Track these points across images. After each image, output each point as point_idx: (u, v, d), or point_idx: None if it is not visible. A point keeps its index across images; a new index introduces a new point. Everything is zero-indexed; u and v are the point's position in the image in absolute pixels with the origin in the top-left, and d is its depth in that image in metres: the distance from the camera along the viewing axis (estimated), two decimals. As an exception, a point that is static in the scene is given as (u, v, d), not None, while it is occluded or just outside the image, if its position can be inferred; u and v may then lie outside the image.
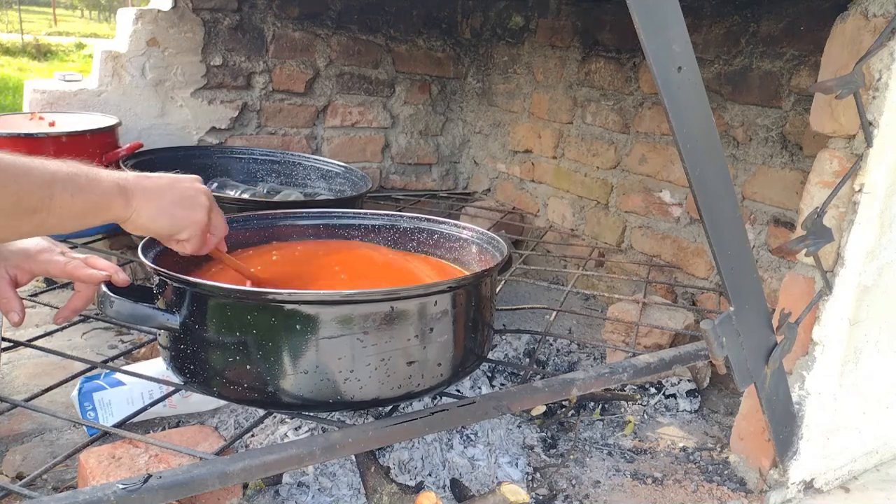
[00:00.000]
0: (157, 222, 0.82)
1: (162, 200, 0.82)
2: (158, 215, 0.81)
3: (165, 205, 0.82)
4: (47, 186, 0.71)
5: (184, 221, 0.84)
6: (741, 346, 0.91)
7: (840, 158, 0.99)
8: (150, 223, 0.81)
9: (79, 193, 0.74)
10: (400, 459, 1.10)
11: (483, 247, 1.10)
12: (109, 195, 0.77)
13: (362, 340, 0.81)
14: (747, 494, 1.14)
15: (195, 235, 0.86)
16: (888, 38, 0.89)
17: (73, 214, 0.74)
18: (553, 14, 2.17)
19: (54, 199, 0.71)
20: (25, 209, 0.69)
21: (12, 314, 0.89)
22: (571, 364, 1.56)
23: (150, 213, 0.81)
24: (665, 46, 0.71)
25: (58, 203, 0.71)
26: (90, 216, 0.76)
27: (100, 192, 0.76)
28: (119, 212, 0.78)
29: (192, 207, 0.85)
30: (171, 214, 0.83)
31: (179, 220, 0.84)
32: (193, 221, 0.85)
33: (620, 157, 1.97)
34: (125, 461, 0.95)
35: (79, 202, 0.74)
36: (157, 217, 0.81)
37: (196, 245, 0.87)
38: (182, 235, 0.85)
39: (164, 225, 0.83)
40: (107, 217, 0.78)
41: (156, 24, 1.96)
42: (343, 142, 2.38)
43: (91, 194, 0.75)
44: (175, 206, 0.83)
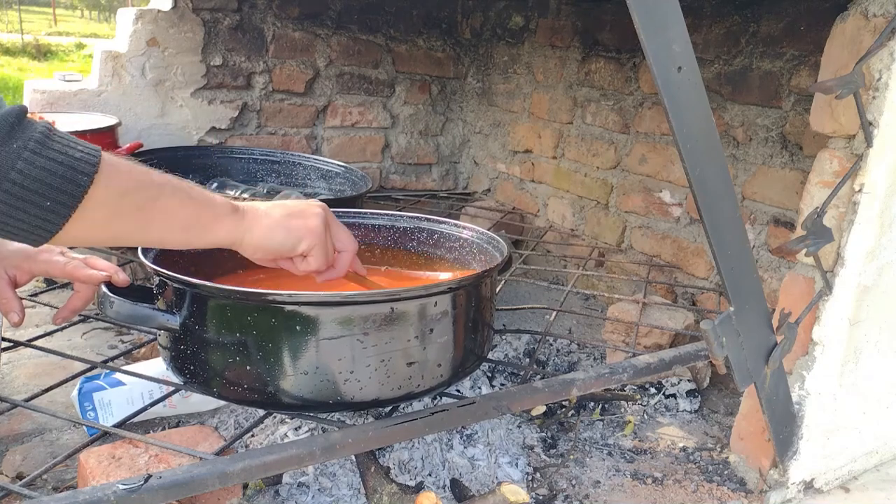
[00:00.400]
0: (272, 237, 0.78)
1: (273, 216, 0.79)
2: (272, 230, 0.78)
3: (278, 219, 0.79)
4: (156, 187, 0.69)
5: (299, 231, 0.80)
6: (741, 346, 0.91)
7: (840, 158, 0.99)
8: (264, 240, 0.78)
9: (189, 202, 0.72)
10: (400, 459, 1.10)
11: (483, 247, 1.10)
12: (221, 210, 0.75)
13: (362, 341, 0.81)
14: (747, 494, 1.14)
15: (315, 245, 0.81)
16: (888, 38, 0.89)
17: (179, 224, 0.71)
18: (553, 14, 2.17)
19: (159, 202, 0.69)
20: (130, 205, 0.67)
21: (12, 314, 0.89)
22: (571, 364, 1.56)
23: (263, 229, 0.78)
24: (665, 46, 0.71)
25: (163, 206, 0.69)
26: (197, 230, 0.73)
27: (211, 206, 0.74)
28: (231, 229, 0.76)
29: (306, 217, 0.81)
30: (286, 226, 0.79)
31: (294, 231, 0.79)
32: (310, 229, 0.80)
33: (620, 157, 1.97)
34: (125, 461, 0.95)
35: (188, 211, 0.72)
36: (272, 232, 0.78)
37: (321, 258, 0.82)
38: (301, 247, 0.80)
39: (280, 238, 0.79)
40: (216, 235, 0.75)
41: (156, 24, 1.96)
42: (343, 142, 2.38)
43: (202, 207, 0.73)
44: (288, 217, 0.80)
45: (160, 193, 0.69)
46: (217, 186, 1.74)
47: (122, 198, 0.66)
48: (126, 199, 0.66)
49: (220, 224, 0.75)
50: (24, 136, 0.59)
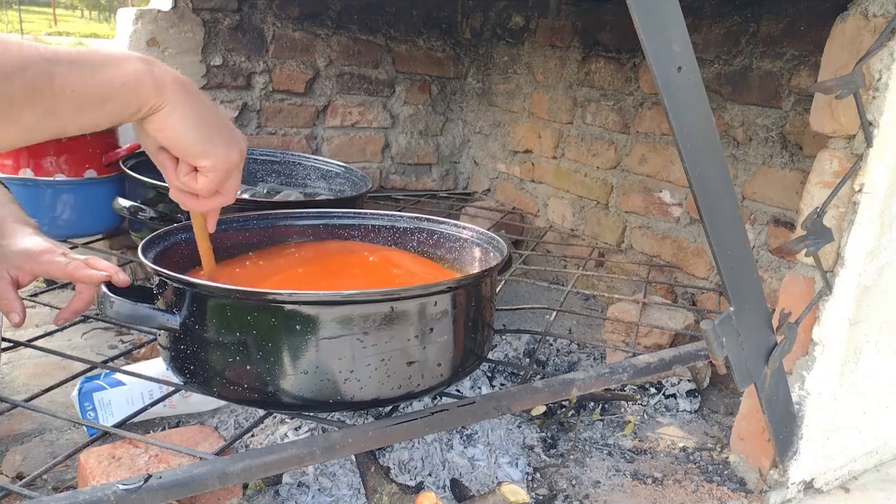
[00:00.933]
0: (188, 131, 0.67)
1: (200, 110, 0.68)
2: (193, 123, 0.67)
3: (204, 116, 0.68)
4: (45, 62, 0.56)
5: (218, 147, 0.70)
6: (741, 346, 0.91)
7: (840, 158, 0.99)
8: (179, 126, 0.66)
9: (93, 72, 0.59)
10: (400, 459, 1.10)
11: (483, 247, 1.10)
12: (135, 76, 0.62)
13: (362, 341, 0.81)
14: (747, 494, 1.14)
15: (218, 171, 0.72)
16: (888, 38, 0.89)
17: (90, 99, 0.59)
18: (553, 14, 2.17)
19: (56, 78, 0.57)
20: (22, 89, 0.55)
21: (13, 315, 0.89)
22: (571, 364, 1.56)
23: (184, 115, 0.66)
24: (665, 46, 0.71)
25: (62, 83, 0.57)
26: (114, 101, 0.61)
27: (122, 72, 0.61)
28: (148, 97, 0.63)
29: (232, 141, 0.72)
30: (207, 130, 0.68)
31: (214, 144, 0.69)
32: (227, 155, 0.71)
33: (620, 157, 1.97)
34: (125, 461, 0.95)
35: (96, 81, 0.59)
36: (191, 125, 0.67)
37: (212, 183, 0.73)
38: (206, 161, 0.70)
39: (195, 138, 0.68)
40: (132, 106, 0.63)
41: (156, 24, 1.96)
42: (343, 142, 2.38)
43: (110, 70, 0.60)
44: (215, 125, 0.70)
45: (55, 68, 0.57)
46: (217, 186, 1.73)
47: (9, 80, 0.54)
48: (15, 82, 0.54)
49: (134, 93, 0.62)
50: None
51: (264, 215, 1.16)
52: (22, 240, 0.91)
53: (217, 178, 0.73)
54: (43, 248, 0.90)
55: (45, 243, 0.91)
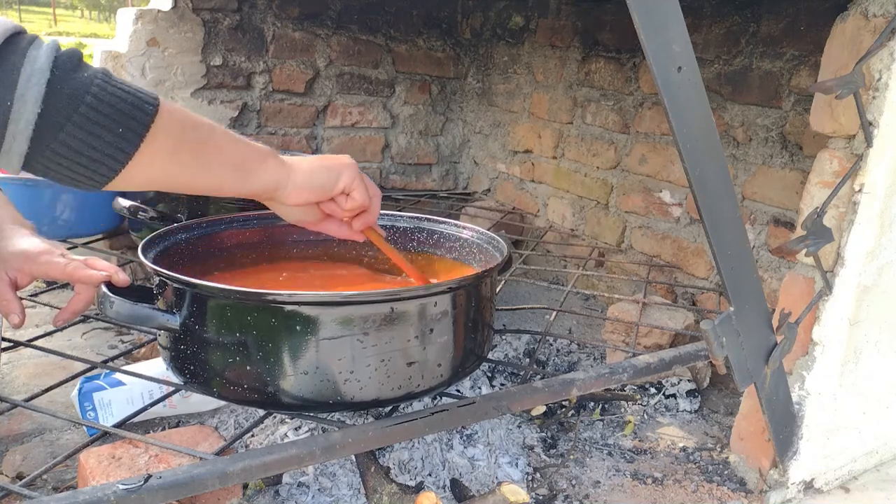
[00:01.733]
0: (314, 177, 0.83)
1: (311, 161, 0.84)
2: (313, 172, 0.83)
3: (316, 162, 0.84)
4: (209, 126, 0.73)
5: (338, 168, 0.84)
6: (741, 346, 0.91)
7: (840, 158, 0.99)
8: (308, 180, 0.82)
9: (237, 142, 0.76)
10: (400, 459, 1.10)
11: (483, 247, 1.10)
12: (266, 152, 0.79)
13: (362, 341, 0.81)
14: (747, 494, 1.14)
15: (355, 178, 0.86)
16: (888, 38, 0.89)
17: (231, 163, 0.75)
18: (553, 14, 2.17)
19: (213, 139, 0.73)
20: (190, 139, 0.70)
21: (12, 316, 0.89)
22: (571, 364, 1.56)
23: (305, 172, 0.82)
24: (665, 46, 0.71)
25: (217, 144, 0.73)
26: (247, 170, 0.77)
27: (256, 147, 0.78)
28: (276, 170, 0.80)
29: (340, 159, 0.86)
30: (325, 166, 0.84)
31: (334, 169, 0.84)
32: (346, 165, 0.85)
33: (620, 157, 1.97)
34: (125, 461, 0.95)
35: (238, 151, 0.76)
36: (313, 173, 0.83)
37: (363, 191, 0.87)
38: (343, 181, 0.85)
39: (322, 176, 0.83)
40: (265, 175, 0.79)
41: (156, 24, 1.96)
42: (343, 142, 2.38)
43: (249, 147, 0.77)
44: (324, 160, 0.85)
45: (213, 132, 0.74)
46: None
47: (182, 131, 0.69)
48: (186, 134, 0.70)
49: (266, 164, 0.79)
50: (91, 69, 0.63)
51: (264, 215, 1.16)
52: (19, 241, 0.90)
53: (361, 185, 0.86)
54: (41, 250, 0.90)
55: (43, 244, 0.91)
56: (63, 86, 0.61)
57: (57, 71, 0.60)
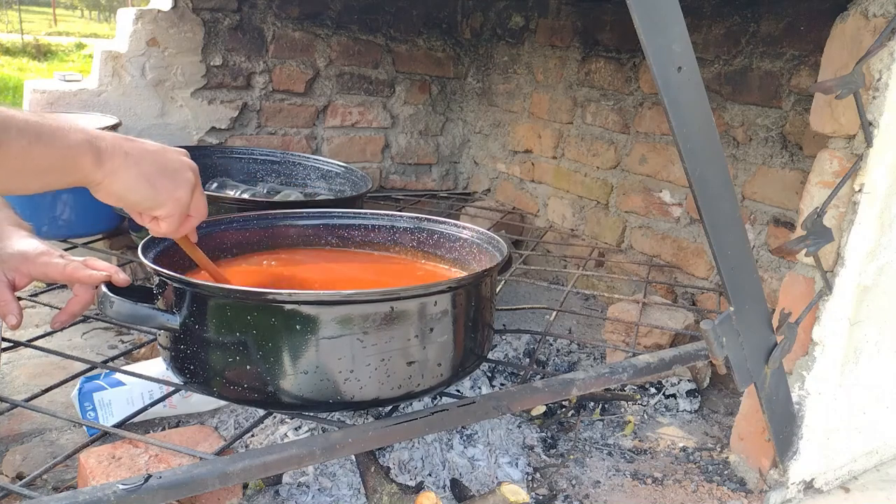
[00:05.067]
0: (134, 192, 0.71)
1: (142, 167, 0.71)
2: (137, 184, 0.71)
3: (146, 172, 0.72)
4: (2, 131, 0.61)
5: (165, 195, 0.74)
6: (741, 346, 0.91)
7: (840, 158, 0.99)
8: (126, 192, 0.71)
9: (37, 143, 0.63)
10: (400, 459, 1.10)
11: (483, 247, 1.10)
12: (77, 150, 0.67)
13: (362, 340, 0.81)
14: (747, 494, 1.14)
15: (174, 214, 0.76)
16: (888, 38, 0.89)
17: (30, 168, 0.64)
18: (553, 14, 2.17)
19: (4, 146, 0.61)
20: None
21: (10, 317, 0.89)
22: (571, 364, 1.56)
23: (128, 180, 0.70)
24: (665, 46, 0.71)
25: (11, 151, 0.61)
26: (52, 173, 0.66)
27: (64, 145, 0.66)
28: (88, 172, 0.68)
29: (177, 182, 0.75)
30: (153, 185, 0.72)
31: (161, 194, 0.73)
32: (175, 198, 0.75)
33: (620, 157, 1.97)
34: (125, 461, 0.95)
35: (37, 153, 0.63)
36: (136, 186, 0.71)
37: (173, 225, 0.78)
38: (160, 212, 0.75)
39: (143, 196, 0.72)
40: (74, 177, 0.68)
41: (156, 24, 1.96)
42: (343, 142, 2.38)
43: (53, 147, 0.65)
44: (158, 176, 0.73)
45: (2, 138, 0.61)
46: (217, 186, 1.74)
47: None
48: None
49: (78, 166, 0.67)
50: None
51: (264, 215, 1.16)
52: (17, 242, 0.90)
53: (174, 220, 0.77)
54: (40, 251, 0.90)
55: (41, 245, 0.91)
56: None
57: None
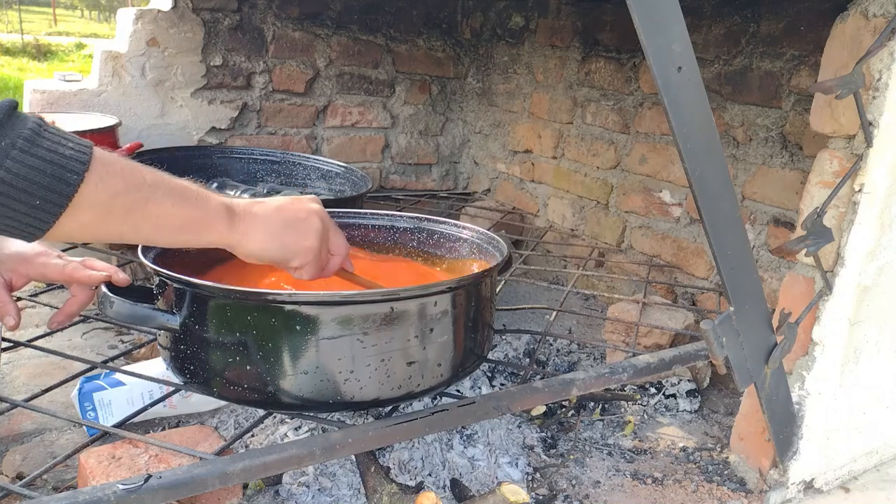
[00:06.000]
0: (266, 250, 0.77)
1: (271, 225, 0.77)
2: (267, 243, 0.77)
3: (274, 230, 0.77)
4: (148, 188, 0.67)
5: (294, 248, 0.79)
6: (741, 346, 0.91)
7: (840, 158, 0.99)
8: (259, 251, 0.77)
9: (181, 205, 0.70)
10: (400, 459, 1.10)
11: (483, 247, 1.10)
12: (214, 214, 0.73)
13: (362, 341, 0.81)
14: (747, 494, 1.14)
15: (308, 262, 0.81)
16: (888, 38, 0.89)
17: (171, 226, 0.70)
18: (553, 14, 2.17)
19: (151, 203, 0.67)
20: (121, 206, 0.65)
21: (8, 318, 0.88)
22: (571, 364, 1.56)
23: (259, 240, 0.76)
24: (665, 46, 0.71)
25: (154, 208, 0.68)
26: (190, 232, 0.72)
27: (204, 208, 0.72)
28: (225, 234, 0.74)
29: (303, 232, 0.80)
30: (281, 242, 0.78)
31: (290, 247, 0.79)
32: (304, 248, 0.79)
33: (620, 157, 1.97)
34: (125, 461, 0.95)
35: (179, 213, 0.70)
36: (267, 245, 0.77)
37: (313, 271, 0.82)
38: (294, 263, 0.80)
39: (275, 253, 0.78)
40: (209, 238, 0.74)
41: (156, 24, 1.96)
42: (343, 142, 2.38)
43: (194, 209, 0.71)
44: (284, 231, 0.78)
45: (152, 195, 0.67)
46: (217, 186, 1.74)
47: (113, 199, 0.64)
48: (117, 200, 0.65)
49: (213, 228, 0.73)
50: (13, 134, 0.59)
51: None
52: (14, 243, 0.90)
53: (312, 267, 0.82)
54: (38, 251, 0.90)
55: (39, 246, 0.91)
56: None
57: None
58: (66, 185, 0.61)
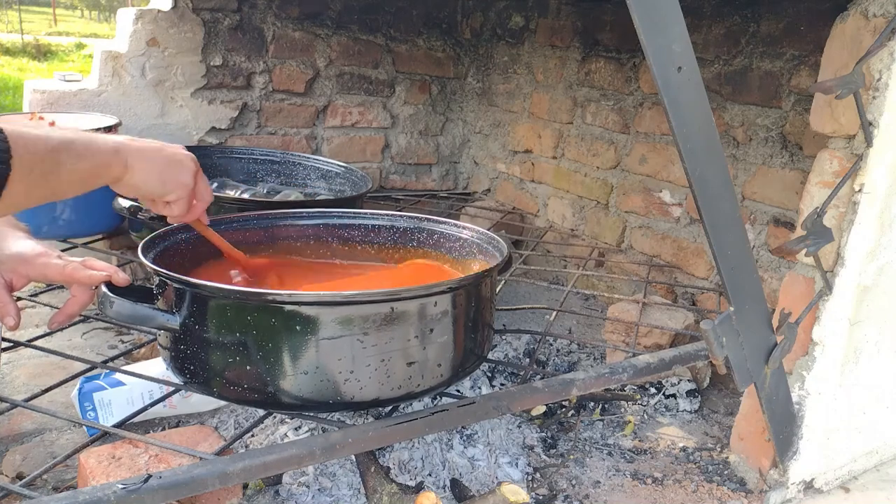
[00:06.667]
0: (148, 183, 0.85)
1: (153, 163, 0.85)
2: (150, 176, 0.84)
3: (156, 166, 0.85)
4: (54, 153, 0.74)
5: (172, 183, 0.87)
6: (741, 346, 0.91)
7: (840, 158, 0.99)
8: (142, 184, 0.84)
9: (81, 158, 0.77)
10: (400, 459, 1.11)
11: (483, 247, 1.10)
12: (108, 157, 0.80)
13: (362, 341, 0.81)
14: (747, 494, 1.15)
15: (182, 198, 0.89)
16: (888, 38, 0.89)
17: (79, 179, 0.77)
18: (553, 14, 2.17)
19: (61, 166, 0.74)
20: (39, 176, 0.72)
21: (8, 318, 0.88)
22: (571, 364, 1.56)
23: (143, 173, 0.84)
24: (665, 46, 0.71)
25: (64, 169, 0.74)
26: (93, 180, 0.80)
27: (100, 155, 0.80)
28: (117, 172, 0.82)
29: (180, 170, 0.88)
30: (161, 175, 0.86)
31: (168, 182, 0.86)
32: (181, 183, 0.88)
33: (620, 157, 1.97)
34: (125, 461, 0.95)
35: (84, 167, 0.77)
36: (149, 178, 0.84)
37: (182, 208, 0.90)
38: (170, 197, 0.88)
39: (155, 186, 0.85)
40: (107, 178, 0.81)
41: (156, 24, 1.96)
42: (343, 142, 2.38)
43: (92, 157, 0.79)
44: (165, 167, 0.86)
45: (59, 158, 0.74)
46: (217, 186, 1.74)
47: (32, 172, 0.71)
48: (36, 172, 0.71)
49: (108, 169, 0.81)
50: None
51: (264, 215, 1.16)
52: (14, 243, 0.90)
53: (183, 203, 0.90)
54: (38, 252, 0.90)
55: (38, 246, 0.91)
56: None
57: None
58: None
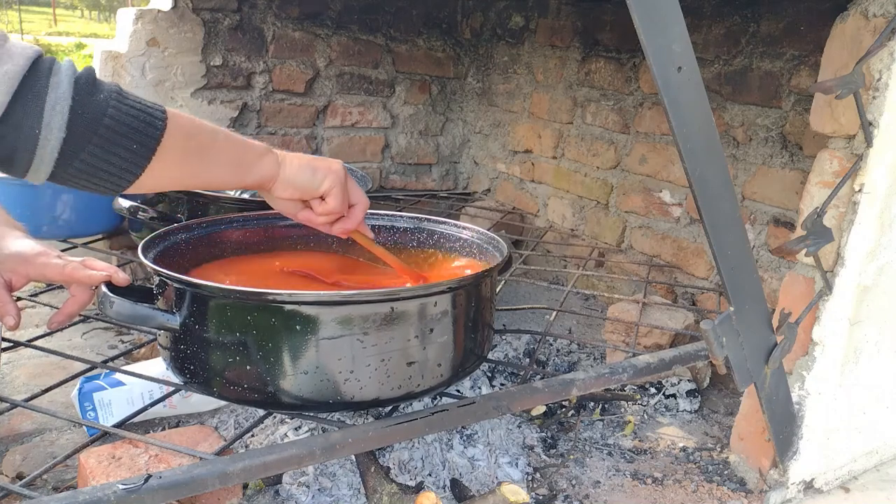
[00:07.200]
0: (301, 174, 0.88)
1: (301, 158, 0.90)
2: (302, 168, 0.88)
3: (305, 161, 0.89)
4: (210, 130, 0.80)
5: (324, 171, 0.89)
6: (741, 346, 0.91)
7: (840, 158, 0.99)
8: (294, 176, 0.88)
9: (236, 143, 0.83)
10: (400, 459, 1.10)
11: (483, 247, 1.10)
12: (261, 150, 0.86)
13: (362, 341, 0.81)
14: (747, 494, 1.15)
15: (335, 186, 0.90)
16: (888, 38, 0.89)
17: (232, 161, 0.83)
18: (553, 14, 2.17)
19: (216, 143, 0.80)
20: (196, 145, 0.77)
21: (8, 318, 0.88)
22: (571, 364, 1.56)
23: (294, 167, 0.88)
24: (665, 46, 0.71)
25: (219, 146, 0.80)
26: (245, 167, 0.84)
27: (252, 146, 0.86)
28: (270, 165, 0.86)
29: (329, 162, 0.91)
30: (312, 167, 0.89)
31: (319, 171, 0.89)
32: (333, 170, 0.90)
33: (620, 157, 1.97)
34: (125, 461, 0.95)
35: (237, 150, 0.83)
36: (301, 170, 0.88)
37: (339, 199, 0.90)
38: (324, 186, 0.89)
39: (307, 176, 0.88)
40: (260, 170, 0.85)
41: (156, 24, 1.96)
42: (343, 142, 2.38)
43: (246, 146, 0.85)
44: (313, 160, 0.90)
45: (215, 136, 0.80)
46: (217, 186, 1.73)
47: (187, 140, 0.76)
48: (192, 141, 0.77)
49: (261, 161, 0.85)
50: (106, 88, 0.69)
51: (264, 215, 1.16)
52: (13, 243, 0.90)
53: (339, 193, 0.90)
54: (38, 251, 0.90)
55: (38, 246, 0.91)
56: (84, 110, 0.66)
57: (77, 96, 0.66)
58: (154, 128, 0.71)
